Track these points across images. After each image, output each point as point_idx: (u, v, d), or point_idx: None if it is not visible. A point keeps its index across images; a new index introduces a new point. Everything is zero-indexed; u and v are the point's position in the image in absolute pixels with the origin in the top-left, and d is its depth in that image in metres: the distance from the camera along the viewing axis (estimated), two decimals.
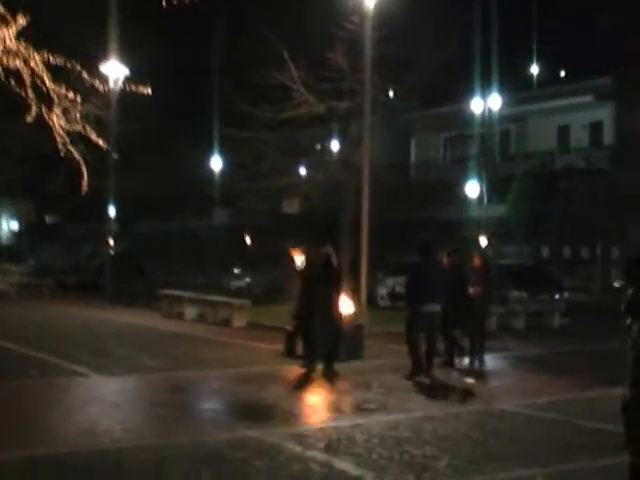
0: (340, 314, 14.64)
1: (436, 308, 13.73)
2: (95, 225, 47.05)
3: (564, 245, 35.47)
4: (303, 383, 13.41)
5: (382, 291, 29.11)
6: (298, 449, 9.03)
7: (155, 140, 47.67)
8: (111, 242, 35.31)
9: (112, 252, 34.40)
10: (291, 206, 28.68)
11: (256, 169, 26.60)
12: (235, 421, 10.41)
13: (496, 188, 37.31)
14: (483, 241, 33.96)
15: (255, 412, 10.94)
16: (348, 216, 23.25)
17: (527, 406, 11.79)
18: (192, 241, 48.27)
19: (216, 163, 50.43)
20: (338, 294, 14.38)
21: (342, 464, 8.49)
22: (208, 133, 45.46)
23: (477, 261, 16.42)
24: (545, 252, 36.28)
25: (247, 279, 32.43)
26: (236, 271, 35.14)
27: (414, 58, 23.02)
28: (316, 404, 12.10)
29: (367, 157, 18.14)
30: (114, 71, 29.63)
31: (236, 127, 26.07)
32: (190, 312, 23.76)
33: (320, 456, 8.75)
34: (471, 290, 15.90)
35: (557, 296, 24.93)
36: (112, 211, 36.40)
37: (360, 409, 11.37)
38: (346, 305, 16.83)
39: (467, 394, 12.91)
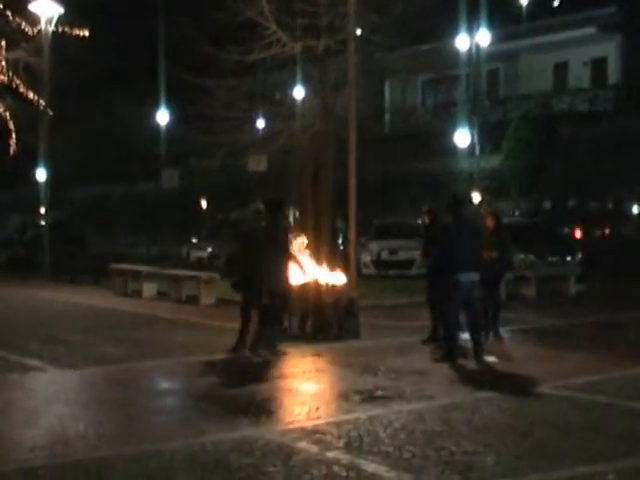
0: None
1: (475, 276, 13.37)
2: (25, 192, 46.21)
3: (569, 199, 35.23)
4: None
5: (366, 258, 28.79)
6: (314, 449, 8.59)
7: (93, 91, 46.73)
8: (42, 211, 34.65)
9: (44, 223, 33.78)
10: (258, 163, 27.98)
11: (219, 121, 25.92)
12: (230, 419, 9.89)
13: (488, 136, 36.88)
14: (476, 197, 33.63)
15: (251, 407, 10.43)
16: (330, 172, 22.71)
17: (566, 387, 11.48)
18: (139, 207, 47.56)
19: (162, 117, 49.43)
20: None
21: (371, 466, 8.06)
22: (154, 82, 44.53)
23: (489, 221, 16.09)
24: (547, 207, 36.01)
25: (209, 249, 31.89)
26: (195, 240, 34.59)
27: None
28: (320, 394, 11.64)
29: (353, 101, 17.56)
30: (46, 10, 28.67)
31: (191, 73, 25.36)
32: (149, 289, 23.53)
33: (343, 457, 8.31)
34: (484, 255, 15.57)
35: (569, 258, 24.68)
36: (44, 175, 35.63)
37: (373, 397, 10.97)
38: (336, 275, 16.57)
39: (492, 376, 12.54)
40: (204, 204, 44.31)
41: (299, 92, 28.63)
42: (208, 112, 27.43)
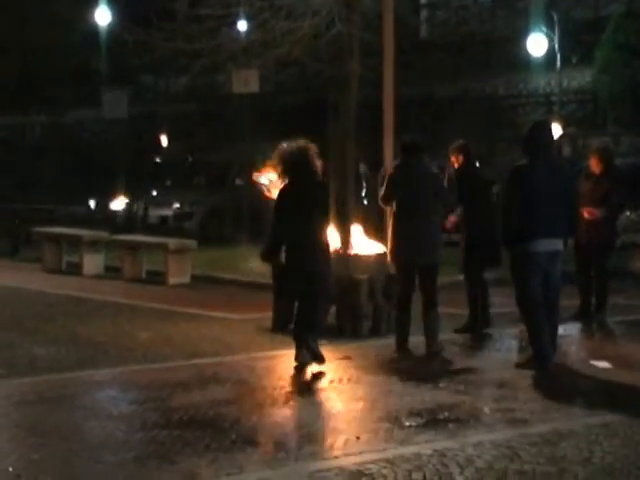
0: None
1: (557, 245, 13.10)
2: None
3: None
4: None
5: None
6: None
7: None
8: None
9: None
10: (246, 82, 27.66)
11: (188, 21, 25.72)
12: (231, 455, 9.57)
13: (574, 42, 36.73)
14: (556, 129, 33.34)
15: (260, 436, 10.24)
16: (353, 94, 22.51)
17: None
18: (71, 145, 47.45)
19: (103, 16, 49.08)
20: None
21: None
22: None
23: (594, 163, 16.06)
24: None
25: (175, 205, 31.82)
26: (154, 193, 34.45)
27: None
28: (359, 416, 11.33)
29: None
30: None
31: None
32: (93, 262, 23.66)
33: None
34: (585, 214, 15.71)
35: None
36: None
37: (437, 421, 10.71)
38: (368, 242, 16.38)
39: (607, 390, 12.29)
40: (165, 141, 44.17)
41: None
42: (171, 8, 27.21)
